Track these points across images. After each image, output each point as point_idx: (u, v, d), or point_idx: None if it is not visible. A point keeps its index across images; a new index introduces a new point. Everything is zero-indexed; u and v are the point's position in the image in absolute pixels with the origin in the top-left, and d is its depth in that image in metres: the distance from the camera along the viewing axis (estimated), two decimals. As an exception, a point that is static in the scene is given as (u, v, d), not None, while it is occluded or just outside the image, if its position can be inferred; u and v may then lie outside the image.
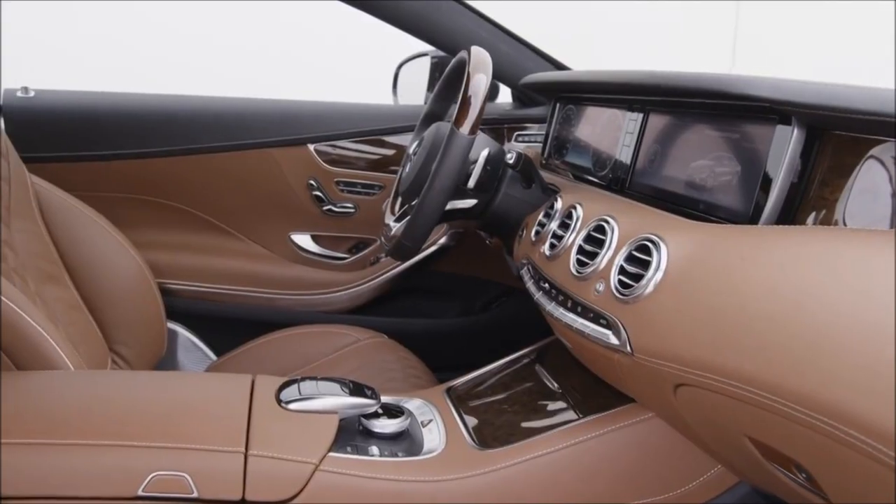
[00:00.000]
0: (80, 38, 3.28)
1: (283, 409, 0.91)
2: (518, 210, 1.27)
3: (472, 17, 1.59)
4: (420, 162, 1.25)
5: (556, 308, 0.97)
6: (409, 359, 1.44)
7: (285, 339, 1.52)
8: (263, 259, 1.74)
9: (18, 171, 1.30)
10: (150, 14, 3.38)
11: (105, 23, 3.33)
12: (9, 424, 0.82)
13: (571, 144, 1.35)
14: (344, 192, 1.73)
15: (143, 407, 0.89)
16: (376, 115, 1.75)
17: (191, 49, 3.39)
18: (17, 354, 1.01)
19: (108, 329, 1.38)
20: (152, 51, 3.32)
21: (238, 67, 3.23)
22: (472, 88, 1.11)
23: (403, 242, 1.19)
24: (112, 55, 3.25)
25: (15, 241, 1.23)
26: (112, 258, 1.41)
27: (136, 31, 3.36)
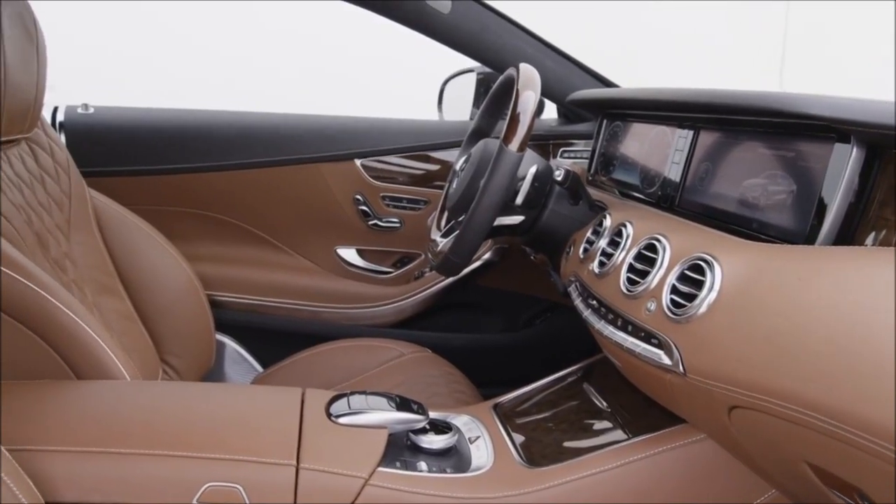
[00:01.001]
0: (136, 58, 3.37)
1: (333, 422, 0.92)
2: (565, 227, 1.27)
3: (518, 33, 1.60)
4: (468, 178, 1.26)
5: (606, 326, 0.97)
6: (454, 374, 1.45)
7: (330, 352, 1.54)
8: (310, 272, 1.77)
9: (78, 186, 1.34)
10: (203, 37, 3.46)
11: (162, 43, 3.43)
12: (70, 432, 0.84)
13: (618, 161, 1.35)
14: (389, 207, 1.75)
15: (197, 418, 0.91)
16: (422, 130, 1.77)
17: (242, 69, 3.47)
18: (77, 364, 1.04)
19: (159, 340, 1.41)
20: (204, 72, 3.41)
21: (287, 86, 3.29)
22: (521, 106, 1.12)
23: (451, 258, 1.19)
24: (164, 73, 3.34)
25: (74, 254, 1.27)
26: (165, 270, 1.44)
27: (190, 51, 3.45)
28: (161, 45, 3.43)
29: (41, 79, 1.21)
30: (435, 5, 1.50)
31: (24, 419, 0.87)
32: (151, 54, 3.40)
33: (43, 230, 1.19)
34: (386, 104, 2.24)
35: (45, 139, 1.30)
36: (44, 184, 1.25)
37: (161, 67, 3.36)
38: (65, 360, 1.03)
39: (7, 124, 1.13)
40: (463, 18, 1.54)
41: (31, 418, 0.87)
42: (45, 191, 1.25)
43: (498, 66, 1.60)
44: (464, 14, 1.54)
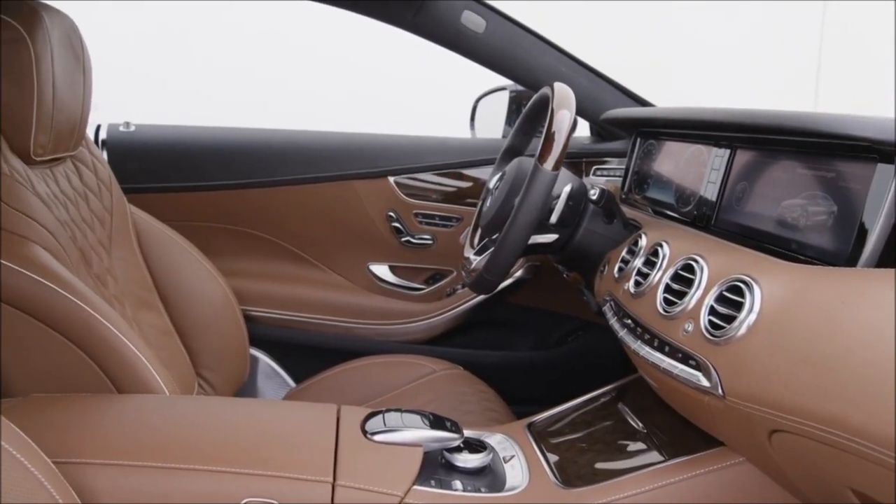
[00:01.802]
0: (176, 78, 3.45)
1: (368, 440, 0.93)
2: (599, 245, 1.26)
3: (551, 51, 1.61)
4: (502, 196, 1.26)
5: (642, 346, 0.96)
6: (486, 392, 1.45)
7: (363, 368, 1.55)
8: (342, 288, 1.78)
9: (119, 202, 1.37)
10: (242, 59, 3.53)
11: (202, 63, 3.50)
12: (112, 446, 0.86)
13: (652, 179, 1.34)
14: (422, 224, 1.76)
15: (235, 434, 0.92)
16: (454, 148, 1.78)
17: (279, 90, 3.53)
18: (118, 378, 1.06)
19: (195, 354, 1.43)
20: (242, 93, 3.47)
21: (321, 105, 3.34)
22: (556, 125, 1.12)
23: (485, 276, 1.20)
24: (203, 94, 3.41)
25: (115, 269, 1.30)
26: (201, 285, 1.46)
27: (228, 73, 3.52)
28: (201, 65, 3.50)
29: (87, 98, 1.25)
30: (469, 24, 1.51)
31: (68, 432, 0.89)
32: (192, 74, 3.48)
33: (86, 246, 1.22)
34: (418, 122, 2.26)
35: (88, 157, 1.33)
36: (87, 200, 1.28)
37: (199, 88, 3.43)
38: (106, 375, 1.05)
39: (54, 143, 1.16)
40: (496, 37, 1.55)
41: (74, 431, 0.89)
42: (89, 207, 1.28)
43: (531, 84, 1.61)
44: (497, 32, 1.55)
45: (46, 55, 1.09)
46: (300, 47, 3.60)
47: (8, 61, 1.07)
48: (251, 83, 3.52)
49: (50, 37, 1.11)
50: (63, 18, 1.17)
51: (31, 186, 1.10)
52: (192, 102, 3.12)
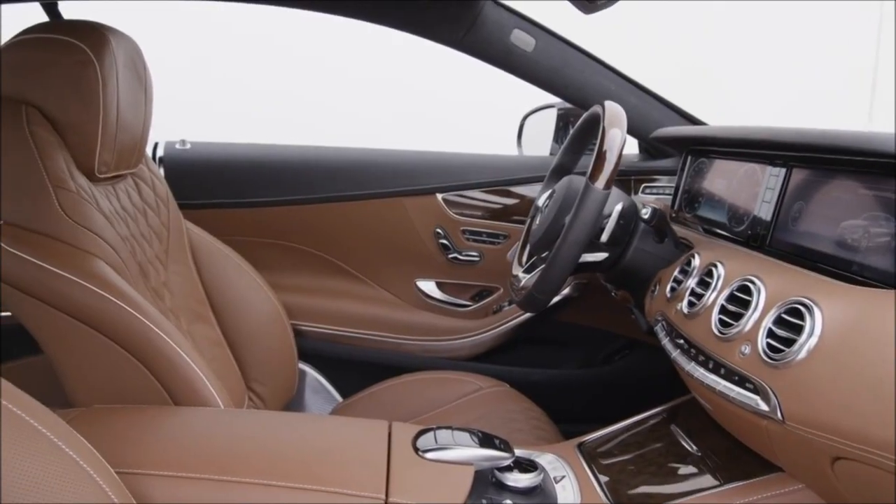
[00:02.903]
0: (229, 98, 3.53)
1: (420, 457, 0.93)
2: (650, 264, 1.25)
3: (600, 69, 1.61)
4: (552, 215, 1.26)
5: (696, 368, 0.95)
6: (533, 409, 1.44)
7: (409, 384, 1.55)
8: (390, 304, 1.79)
9: (176, 218, 1.41)
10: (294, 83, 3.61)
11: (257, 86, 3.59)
12: (170, 457, 0.88)
13: (704, 198, 1.33)
14: (469, 241, 1.77)
15: (288, 448, 0.93)
16: (502, 165, 1.79)
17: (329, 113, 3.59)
18: (175, 390, 1.08)
19: (245, 367, 1.45)
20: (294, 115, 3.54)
21: (367, 126, 3.38)
22: (608, 143, 1.12)
23: (534, 294, 1.19)
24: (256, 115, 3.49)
25: (171, 283, 1.33)
26: (252, 299, 1.49)
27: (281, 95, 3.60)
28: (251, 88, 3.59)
29: (147, 117, 1.29)
30: (519, 43, 1.52)
31: (128, 443, 0.91)
32: (242, 97, 3.56)
33: (144, 260, 1.26)
34: (466, 140, 2.27)
35: (147, 174, 1.37)
36: (146, 216, 1.32)
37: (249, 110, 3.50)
38: (164, 387, 1.08)
39: (117, 161, 1.20)
40: (546, 55, 1.56)
41: (135, 443, 0.91)
42: (147, 223, 1.31)
43: (580, 102, 1.61)
44: (547, 51, 1.56)
45: (112, 76, 1.13)
46: (346, 69, 3.66)
47: (76, 82, 1.10)
48: (300, 106, 3.59)
49: (116, 59, 1.14)
50: (127, 41, 1.21)
51: (96, 203, 1.14)
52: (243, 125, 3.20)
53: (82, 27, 1.14)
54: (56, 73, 1.11)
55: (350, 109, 3.61)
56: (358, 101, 3.66)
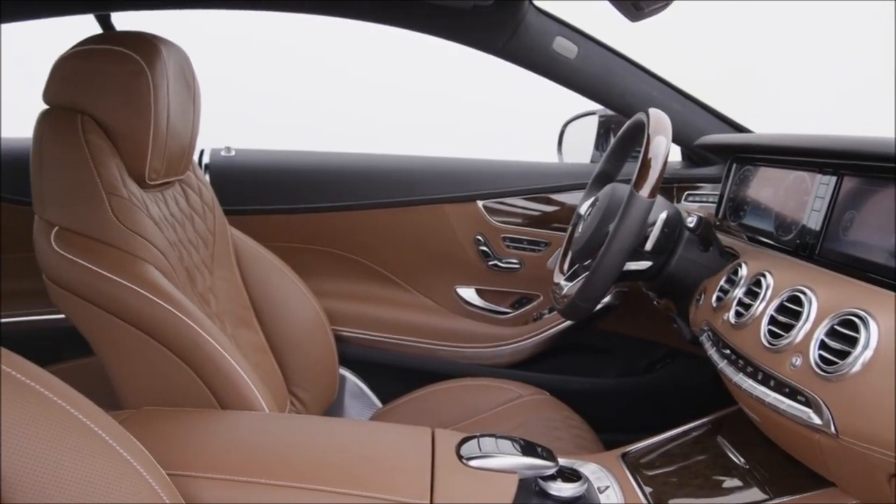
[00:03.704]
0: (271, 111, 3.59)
1: (463, 464, 0.93)
2: (695, 273, 1.24)
3: (643, 76, 1.60)
4: (595, 223, 1.25)
5: (745, 380, 0.93)
6: (573, 418, 1.43)
7: (449, 390, 1.55)
8: (429, 311, 1.80)
9: (221, 223, 1.43)
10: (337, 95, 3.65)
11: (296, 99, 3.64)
12: (218, 460, 0.89)
13: (749, 206, 1.31)
14: (510, 248, 1.76)
15: (333, 453, 0.94)
16: (543, 172, 1.78)
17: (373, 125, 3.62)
18: (221, 394, 1.10)
19: (287, 372, 1.47)
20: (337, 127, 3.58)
21: (408, 134, 3.40)
22: (653, 151, 1.11)
23: (577, 302, 1.19)
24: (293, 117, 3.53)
25: (217, 288, 1.35)
26: (295, 305, 1.50)
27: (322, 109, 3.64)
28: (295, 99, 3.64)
29: (195, 125, 1.31)
30: (561, 50, 1.52)
31: (178, 445, 0.93)
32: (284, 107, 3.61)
33: (191, 265, 1.28)
34: (503, 146, 2.27)
35: (194, 180, 1.40)
36: (193, 222, 1.34)
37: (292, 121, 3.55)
38: (211, 390, 1.10)
39: (166, 168, 1.22)
40: (588, 62, 1.55)
41: (184, 445, 0.92)
42: (194, 228, 1.34)
43: (622, 110, 1.60)
44: (589, 58, 1.55)
45: (163, 86, 1.16)
46: (385, 79, 3.69)
47: (128, 91, 1.13)
48: (339, 117, 3.63)
49: (167, 68, 1.17)
50: (177, 50, 1.24)
51: (146, 209, 1.17)
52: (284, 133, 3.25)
53: (135, 38, 1.17)
54: (110, 83, 1.14)
55: (394, 120, 3.63)
56: (401, 112, 3.68)
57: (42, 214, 1.11)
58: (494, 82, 2.93)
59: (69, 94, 1.14)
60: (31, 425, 0.65)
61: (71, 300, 1.09)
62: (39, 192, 1.12)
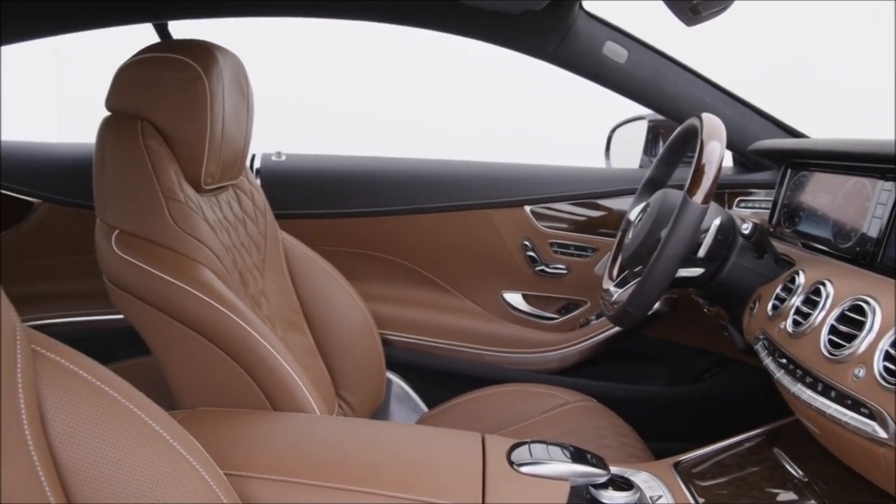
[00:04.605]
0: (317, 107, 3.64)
1: (514, 470, 0.93)
2: (749, 281, 1.22)
3: (694, 80, 1.58)
4: (646, 229, 1.24)
5: (803, 390, 0.91)
6: (621, 426, 1.42)
7: (495, 395, 1.55)
8: (476, 315, 1.80)
9: (272, 227, 1.45)
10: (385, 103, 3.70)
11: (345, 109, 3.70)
12: (273, 461, 0.90)
13: (805, 213, 1.28)
14: (557, 254, 1.76)
15: (385, 456, 0.95)
16: (590, 178, 1.77)
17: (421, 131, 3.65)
18: (274, 396, 1.11)
19: (336, 375, 1.48)
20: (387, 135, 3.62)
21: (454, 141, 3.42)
22: (706, 157, 1.09)
23: (628, 309, 1.18)
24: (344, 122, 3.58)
25: (268, 291, 1.37)
26: (343, 308, 1.52)
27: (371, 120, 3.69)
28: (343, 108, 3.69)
29: (249, 131, 1.34)
30: (611, 55, 1.51)
31: (231, 445, 0.94)
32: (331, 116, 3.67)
33: (244, 269, 1.30)
34: (550, 151, 2.27)
35: (247, 185, 1.42)
36: (245, 226, 1.37)
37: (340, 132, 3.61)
38: (263, 392, 1.11)
39: (221, 172, 1.25)
40: (638, 67, 1.54)
41: (237, 445, 0.94)
42: (247, 232, 1.36)
43: (673, 115, 1.58)
44: (639, 62, 1.54)
45: (219, 92, 1.18)
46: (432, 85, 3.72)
47: (186, 98, 1.16)
48: (387, 126, 3.67)
49: (222, 75, 1.19)
50: (232, 57, 1.26)
51: (202, 213, 1.19)
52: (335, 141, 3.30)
53: (192, 46, 1.20)
54: (168, 90, 1.16)
55: (441, 126, 3.66)
56: (448, 118, 3.71)
57: (104, 218, 1.14)
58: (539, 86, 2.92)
59: (130, 100, 1.17)
60: (100, 425, 0.66)
61: (130, 301, 1.12)
62: (101, 196, 1.15)
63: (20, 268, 1.66)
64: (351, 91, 3.73)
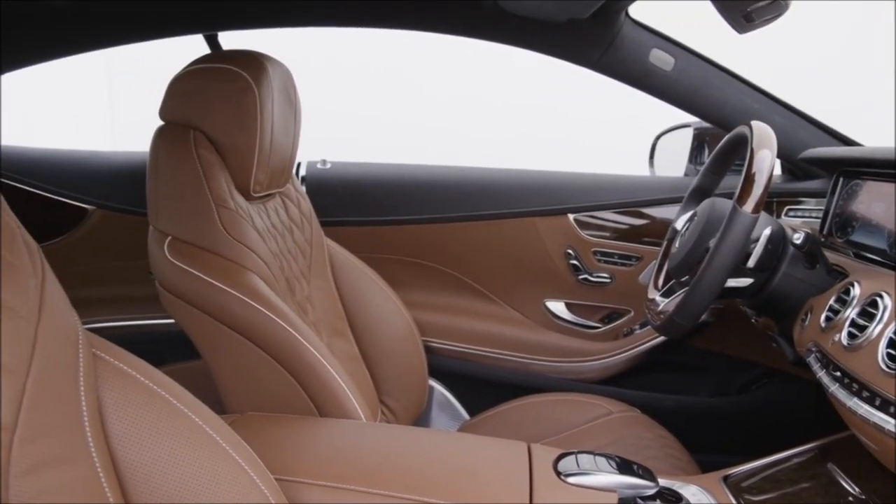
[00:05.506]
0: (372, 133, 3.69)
1: (561, 480, 0.92)
2: (800, 292, 1.19)
3: (742, 87, 1.56)
4: (694, 238, 1.23)
5: (860, 405, 0.89)
6: (666, 437, 1.40)
7: (538, 404, 1.54)
8: (518, 324, 1.79)
9: (318, 234, 1.47)
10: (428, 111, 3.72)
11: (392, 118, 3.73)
12: (321, 467, 0.91)
13: (858, 222, 1.26)
14: (600, 262, 1.74)
15: (432, 464, 0.95)
16: (634, 186, 1.76)
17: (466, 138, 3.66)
18: (321, 402, 1.13)
19: (379, 381, 1.49)
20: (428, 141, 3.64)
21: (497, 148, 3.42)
22: (757, 165, 1.08)
23: (675, 319, 1.16)
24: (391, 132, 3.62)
25: (314, 297, 1.39)
26: (387, 315, 1.53)
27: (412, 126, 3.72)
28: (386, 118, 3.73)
29: (296, 139, 1.36)
30: (657, 62, 1.50)
31: (280, 450, 0.95)
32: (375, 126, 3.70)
33: (291, 275, 1.32)
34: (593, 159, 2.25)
35: (293, 192, 1.44)
36: (292, 233, 1.38)
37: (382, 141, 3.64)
38: (310, 398, 1.13)
39: (269, 180, 1.27)
40: (685, 74, 1.52)
41: (287, 450, 0.95)
42: (293, 239, 1.38)
43: (720, 122, 1.56)
44: (686, 70, 1.52)
45: (269, 102, 1.20)
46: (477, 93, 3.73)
47: (236, 107, 1.18)
48: (431, 134, 3.69)
49: (272, 85, 1.21)
50: (281, 68, 1.28)
51: (251, 220, 1.21)
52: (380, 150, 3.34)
53: (242, 56, 1.22)
54: (219, 99, 1.19)
55: (485, 134, 3.66)
56: (492, 125, 3.71)
57: (156, 225, 1.17)
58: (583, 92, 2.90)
59: (182, 110, 1.20)
60: (156, 428, 0.68)
61: (181, 306, 1.14)
62: (154, 204, 1.17)
63: (73, 272, 1.71)
64: (396, 100, 3.77)
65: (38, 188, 1.68)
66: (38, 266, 0.64)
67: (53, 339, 0.62)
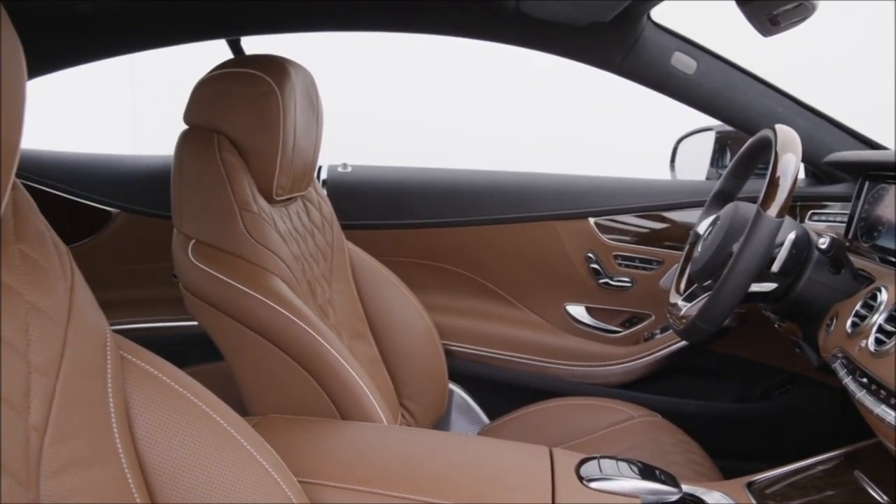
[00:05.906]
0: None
1: (584, 485, 0.92)
2: (824, 297, 1.18)
3: (765, 90, 1.54)
4: (717, 242, 1.22)
5: (888, 412, 0.88)
6: (687, 442, 1.39)
7: (558, 408, 1.54)
8: (538, 327, 1.79)
9: (339, 237, 1.48)
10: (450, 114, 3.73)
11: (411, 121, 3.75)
12: (343, 469, 0.92)
13: (885, 227, 1.24)
14: (621, 266, 1.74)
15: (453, 468, 0.95)
16: (655, 190, 1.75)
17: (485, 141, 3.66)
18: (342, 404, 1.13)
19: (399, 385, 1.49)
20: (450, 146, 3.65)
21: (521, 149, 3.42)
22: (781, 169, 1.07)
23: (698, 324, 1.15)
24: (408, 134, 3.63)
25: (335, 300, 1.39)
26: (407, 319, 1.53)
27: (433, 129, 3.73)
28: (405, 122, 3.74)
29: (318, 143, 1.36)
30: (679, 66, 1.49)
31: (302, 453, 0.96)
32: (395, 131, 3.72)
33: (312, 278, 1.32)
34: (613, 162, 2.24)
35: (315, 196, 1.45)
36: (313, 236, 1.39)
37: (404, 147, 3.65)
38: (332, 400, 1.13)
39: (291, 184, 1.28)
40: (707, 78, 1.51)
41: (309, 453, 0.96)
42: (314, 242, 1.39)
43: (743, 126, 1.55)
44: (709, 73, 1.51)
45: (291, 106, 1.21)
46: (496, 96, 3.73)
47: (259, 111, 1.19)
48: (451, 137, 3.69)
49: (294, 89, 1.22)
50: (304, 72, 1.29)
51: (273, 223, 1.22)
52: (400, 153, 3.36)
53: (266, 61, 1.23)
54: (242, 104, 1.20)
55: (502, 136, 3.66)
56: (509, 128, 3.71)
57: (180, 228, 1.18)
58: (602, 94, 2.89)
59: (206, 115, 1.21)
60: (182, 429, 0.68)
61: (204, 309, 1.15)
62: (178, 207, 1.18)
63: (97, 275, 1.73)
64: (416, 104, 3.78)
65: (64, 191, 1.70)
66: (67, 268, 0.65)
67: (83, 341, 0.63)
